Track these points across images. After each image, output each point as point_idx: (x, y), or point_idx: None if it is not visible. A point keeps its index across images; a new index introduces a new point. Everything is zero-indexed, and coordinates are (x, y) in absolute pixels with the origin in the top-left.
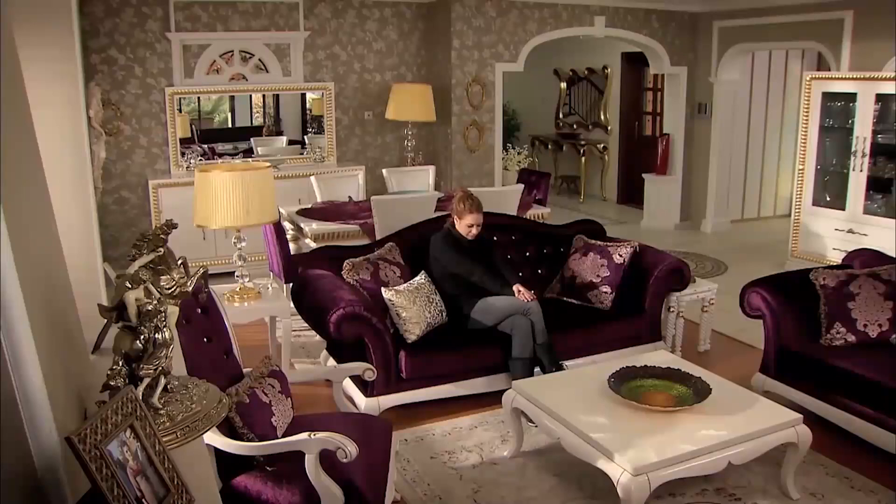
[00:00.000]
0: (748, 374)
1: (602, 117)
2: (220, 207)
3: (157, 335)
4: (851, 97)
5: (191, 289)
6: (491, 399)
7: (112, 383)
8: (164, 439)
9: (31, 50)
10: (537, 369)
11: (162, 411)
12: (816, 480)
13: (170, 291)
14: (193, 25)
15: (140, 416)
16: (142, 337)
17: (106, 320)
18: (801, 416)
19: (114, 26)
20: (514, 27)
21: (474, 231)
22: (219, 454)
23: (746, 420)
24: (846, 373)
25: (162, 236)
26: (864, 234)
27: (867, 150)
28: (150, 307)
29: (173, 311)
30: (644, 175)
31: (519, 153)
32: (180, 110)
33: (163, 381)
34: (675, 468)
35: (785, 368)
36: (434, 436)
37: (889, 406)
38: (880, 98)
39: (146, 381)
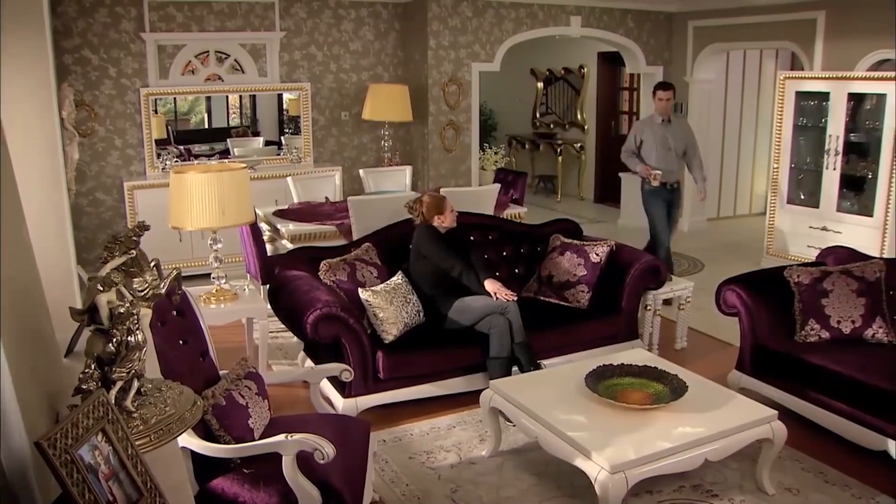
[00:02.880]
0: (724, 372)
1: (579, 117)
2: (196, 209)
3: (129, 338)
4: (824, 96)
5: (164, 291)
6: (469, 399)
7: (84, 387)
8: (138, 443)
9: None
10: (515, 368)
11: (135, 414)
12: (792, 475)
13: (142, 294)
14: (168, 26)
15: (112, 419)
16: (114, 340)
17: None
18: (776, 412)
19: (87, 26)
20: (490, 27)
21: (456, 213)
22: (196, 457)
23: (722, 417)
24: (820, 369)
25: (134, 238)
26: (838, 232)
27: (840, 149)
28: (122, 310)
29: (146, 314)
30: (620, 174)
31: (496, 153)
32: (156, 111)
33: (136, 384)
34: (651, 466)
35: (761, 365)
36: (412, 436)
37: (862, 401)
38: (852, 97)
39: (119, 384)
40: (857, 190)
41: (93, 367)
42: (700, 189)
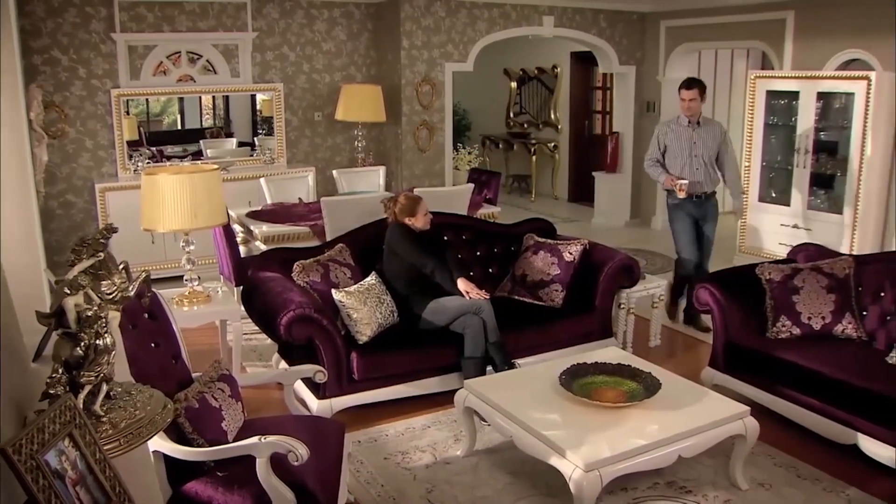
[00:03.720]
0: (698, 369)
1: (552, 116)
2: (168, 210)
3: (97, 341)
4: (794, 95)
5: (132, 293)
6: (443, 399)
7: (51, 391)
8: (107, 447)
9: None
10: (489, 368)
11: (104, 418)
12: (765, 471)
13: (111, 296)
14: (139, 26)
15: (79, 424)
16: (82, 343)
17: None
18: (748, 408)
19: (56, 26)
20: (463, 27)
21: (430, 217)
22: (169, 460)
23: (695, 414)
24: (792, 365)
25: (101, 241)
26: (808, 229)
27: (810, 147)
28: (89, 313)
29: (115, 317)
30: (594, 173)
31: (469, 153)
32: (128, 112)
33: (105, 387)
34: (626, 463)
35: (733, 362)
36: (387, 436)
37: (832, 396)
38: (822, 96)
39: (87, 388)
40: (826, 188)
41: (60, 371)
42: (736, 206)
